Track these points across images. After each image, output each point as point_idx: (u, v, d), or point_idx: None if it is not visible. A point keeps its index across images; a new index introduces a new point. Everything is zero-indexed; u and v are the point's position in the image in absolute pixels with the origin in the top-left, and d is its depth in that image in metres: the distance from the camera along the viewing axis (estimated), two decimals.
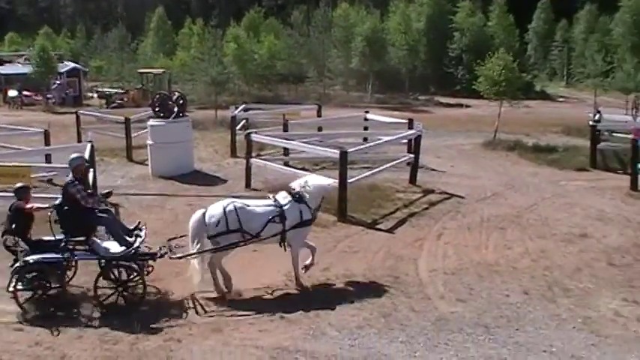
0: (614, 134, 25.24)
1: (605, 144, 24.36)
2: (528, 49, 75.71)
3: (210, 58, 44.52)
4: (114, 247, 11.51)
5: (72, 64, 58.93)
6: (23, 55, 62.04)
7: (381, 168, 19.68)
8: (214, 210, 11.93)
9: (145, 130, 23.47)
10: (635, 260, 13.61)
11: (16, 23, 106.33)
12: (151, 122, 22.30)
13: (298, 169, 20.36)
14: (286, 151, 22.89)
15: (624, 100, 39.83)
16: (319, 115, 29.11)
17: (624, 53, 58.12)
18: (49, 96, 51.47)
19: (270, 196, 12.65)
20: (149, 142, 22.17)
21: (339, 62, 60.82)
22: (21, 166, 16.52)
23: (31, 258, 10.89)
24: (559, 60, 76.50)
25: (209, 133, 31.63)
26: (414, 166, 20.58)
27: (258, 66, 56.79)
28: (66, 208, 11.43)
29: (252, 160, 20.18)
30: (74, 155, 12.04)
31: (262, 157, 21.73)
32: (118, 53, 67.66)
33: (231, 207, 11.86)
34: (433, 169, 22.66)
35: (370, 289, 11.93)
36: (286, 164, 21.18)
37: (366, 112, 26.96)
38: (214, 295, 11.66)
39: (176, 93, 24.14)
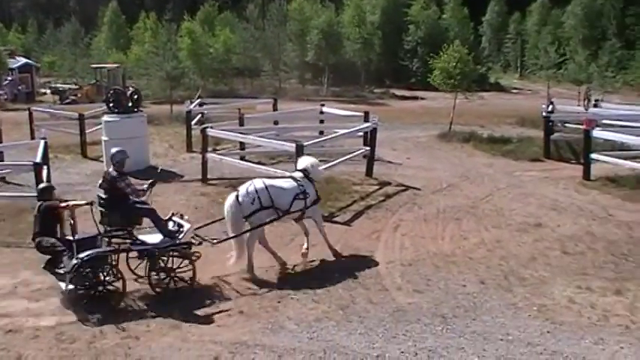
0: (567, 125, 25.59)
1: (559, 135, 24.71)
2: (482, 42, 76.37)
3: (165, 53, 44.14)
4: (156, 237, 11.83)
5: (24, 60, 58.05)
6: None
7: (337, 161, 19.73)
8: (246, 189, 12.64)
9: (100, 126, 23.23)
10: (588, 248, 13.83)
11: None
12: (106, 118, 22.06)
13: (254, 163, 20.34)
14: (242, 146, 22.80)
15: (576, 91, 40.34)
16: (275, 109, 29.10)
17: (576, 45, 58.88)
18: (0, 92, 50.70)
19: (287, 174, 13.77)
20: (104, 138, 21.93)
21: (294, 56, 60.80)
22: None
23: (84, 255, 10.86)
24: (513, 52, 77.38)
25: (164, 128, 31.43)
26: (370, 159, 20.67)
27: (214, 60, 56.49)
28: (112, 201, 11.72)
29: (209, 154, 20.11)
30: (116, 149, 12.48)
31: (218, 152, 21.67)
32: (71, 48, 66.85)
33: (262, 185, 12.67)
34: (389, 162, 22.76)
35: (328, 282, 11.95)
36: (242, 158, 21.14)
37: (322, 105, 27.00)
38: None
39: (130, 88, 23.90)
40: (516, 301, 11.09)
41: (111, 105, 22.08)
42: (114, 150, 12.48)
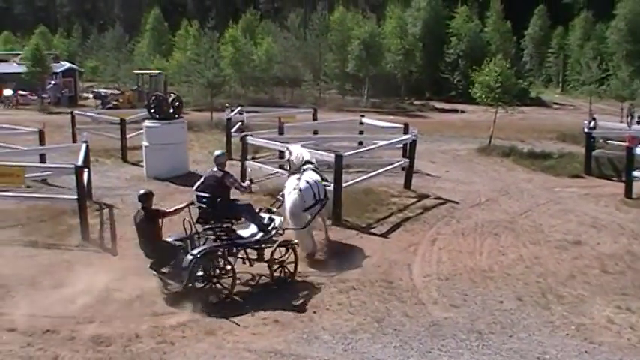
0: (609, 142, 25.30)
1: (600, 151, 24.42)
2: (524, 56, 75.71)
3: (207, 60, 44.38)
4: (250, 230, 12.71)
5: (67, 64, 58.73)
6: (19, 54, 61.84)
7: (376, 172, 19.70)
8: (305, 186, 13.83)
9: (140, 132, 23.44)
10: (628, 267, 13.64)
11: (12, 22, 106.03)
12: (147, 123, 22.26)
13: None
14: (281, 155, 22.85)
15: (619, 107, 39.85)
16: (315, 119, 29.15)
17: (619, 61, 58.18)
18: (44, 95, 51.40)
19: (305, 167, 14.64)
20: (144, 143, 22.13)
21: (335, 66, 60.75)
22: (15, 166, 16.45)
23: (198, 251, 11.46)
24: (554, 67, 76.50)
25: (204, 135, 31.62)
26: (409, 171, 20.56)
27: (255, 68, 56.72)
28: (219, 199, 12.30)
29: (247, 162, 20.18)
30: (218, 152, 13.33)
31: (257, 160, 21.74)
32: (113, 54, 67.44)
33: (312, 181, 14.00)
34: (428, 174, 22.65)
35: (364, 294, 11.94)
36: (281, 167, 21.16)
37: (362, 116, 27.00)
38: None
39: (172, 94, 24.09)
40: (554, 319, 10.97)
41: (152, 111, 22.26)
42: (217, 152, 13.32)
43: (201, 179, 13.07)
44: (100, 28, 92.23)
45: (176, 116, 22.39)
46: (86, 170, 16.97)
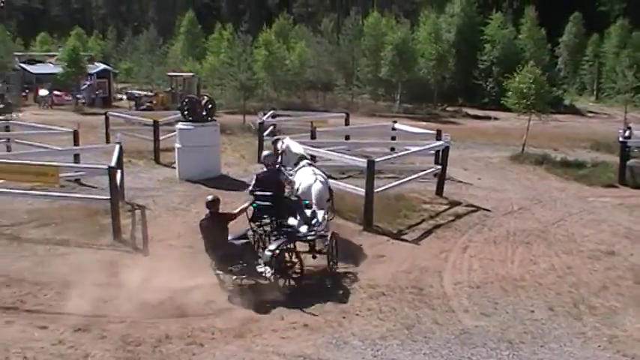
0: None
1: (635, 161, 24.08)
2: (558, 63, 75.11)
3: (240, 64, 44.58)
4: (300, 225, 13.28)
5: (102, 66, 59.36)
6: (55, 55, 62.56)
7: (408, 178, 19.63)
8: (324, 178, 14.38)
9: (173, 134, 23.58)
10: None
11: (48, 23, 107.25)
12: (180, 126, 22.38)
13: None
14: (313, 159, 22.87)
15: None
16: (347, 124, 29.11)
17: None
18: (78, 96, 51.95)
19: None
20: (177, 145, 22.26)
21: (367, 71, 60.66)
22: (49, 165, 16.62)
23: (275, 247, 12.18)
24: (589, 75, 75.80)
25: (236, 138, 31.75)
26: (441, 178, 20.46)
27: (288, 72, 56.82)
28: (278, 197, 13.15)
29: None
30: (266, 152, 14.53)
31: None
32: (147, 56, 67.86)
33: (324, 176, 14.53)
34: (460, 181, 22.52)
35: (394, 300, 11.90)
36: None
37: (394, 121, 26.89)
38: None
39: (205, 97, 24.19)
40: (586, 331, 10.84)
41: (185, 113, 22.38)
42: (265, 153, 14.57)
43: (255, 179, 13.71)
44: (135, 31, 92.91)
45: (209, 119, 22.47)
46: (119, 171, 17.08)
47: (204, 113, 22.34)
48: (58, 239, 15.09)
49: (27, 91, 54.81)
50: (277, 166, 14.28)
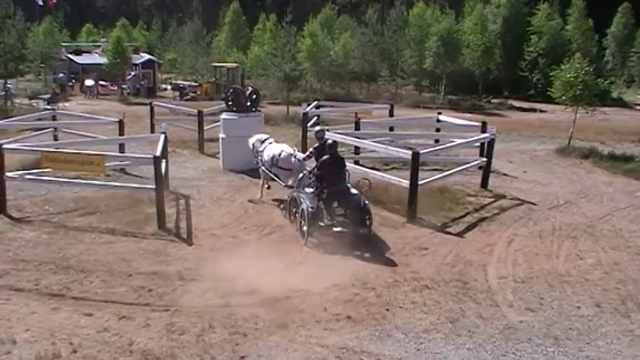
0: None
1: None
2: (606, 55, 73.98)
3: (284, 54, 44.63)
4: None
5: (147, 56, 59.89)
6: (100, 45, 63.30)
7: (452, 171, 19.50)
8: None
9: (218, 124, 23.67)
10: None
11: (94, 14, 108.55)
12: (224, 116, 22.47)
13: (368, 168, 20.26)
14: (357, 150, 22.84)
15: None
16: (391, 115, 28.96)
17: None
18: (123, 86, 52.48)
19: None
20: (221, 135, 22.35)
21: (412, 62, 60.28)
22: (96, 155, 16.79)
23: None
24: (637, 67, 74.58)
25: (280, 128, 31.77)
26: (486, 171, 20.28)
27: (332, 63, 56.70)
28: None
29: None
30: (319, 127, 18.46)
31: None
32: (192, 46, 68.27)
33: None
34: (505, 174, 22.32)
35: (438, 293, 11.82)
36: (356, 163, 21.09)
37: (439, 113, 26.70)
38: None
39: (249, 87, 24.24)
40: (634, 328, 10.63)
41: (229, 103, 22.45)
42: (317, 128, 17.99)
43: (315, 150, 15.97)
44: (179, 21, 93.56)
45: (253, 109, 22.52)
46: (164, 160, 17.20)
47: (248, 104, 22.39)
48: (103, 227, 15.26)
49: (73, 81, 55.46)
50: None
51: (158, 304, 11.09)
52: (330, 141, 15.64)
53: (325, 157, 14.83)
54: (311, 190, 14.88)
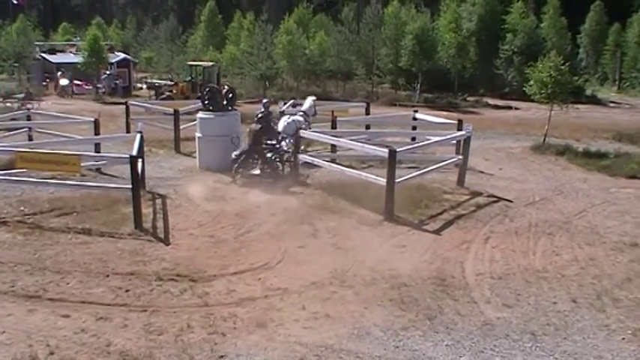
0: None
1: None
2: (580, 53, 74.55)
3: (260, 53, 44.60)
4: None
5: (122, 55, 59.58)
6: (75, 44, 62.92)
7: (429, 168, 19.55)
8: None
9: (194, 123, 23.60)
10: None
11: (68, 13, 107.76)
12: (200, 115, 22.40)
13: (345, 166, 20.29)
14: (334, 148, 22.86)
15: None
16: (367, 113, 29.03)
17: None
18: (99, 86, 52.16)
19: None
20: (197, 134, 22.28)
21: (388, 60, 60.41)
22: (72, 155, 16.68)
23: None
24: (611, 64, 75.18)
25: None
26: (462, 168, 20.38)
27: (308, 61, 56.67)
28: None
29: (300, 155, 20.19)
30: (266, 100, 23.82)
31: (309, 153, 21.75)
32: (167, 45, 68.03)
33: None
34: (481, 172, 22.41)
35: (416, 291, 11.85)
36: (333, 161, 21.12)
37: (415, 111, 26.79)
38: None
39: (225, 86, 24.17)
40: (609, 323, 10.73)
41: (206, 102, 22.38)
42: (265, 100, 23.60)
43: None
44: (155, 20, 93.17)
45: (229, 108, 22.48)
46: (140, 160, 17.12)
47: (224, 102, 22.34)
48: (79, 228, 15.13)
49: (47, 80, 55.07)
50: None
51: (136, 304, 11.03)
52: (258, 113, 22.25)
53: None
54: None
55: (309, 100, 25.81)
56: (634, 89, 59.38)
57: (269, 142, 20.43)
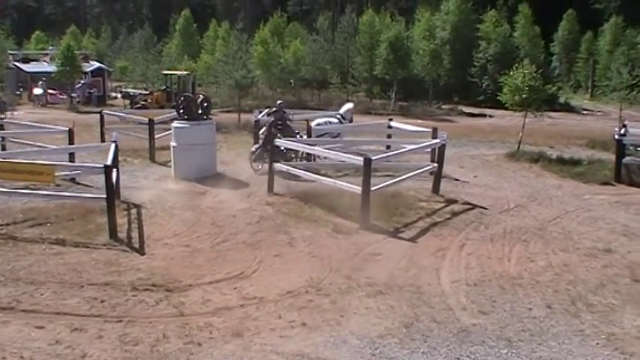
0: None
1: (631, 158, 24.07)
2: (553, 61, 75.16)
3: (235, 62, 44.52)
4: None
5: (97, 64, 59.33)
6: (49, 53, 62.57)
7: (404, 176, 19.59)
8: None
9: (169, 132, 23.52)
10: None
11: (43, 22, 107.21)
12: (175, 124, 22.33)
13: (321, 175, 20.30)
14: (309, 157, 22.87)
15: None
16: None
17: None
18: (73, 95, 51.89)
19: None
20: (172, 143, 22.20)
21: (363, 69, 60.66)
22: (46, 164, 16.55)
23: None
24: (584, 72, 75.88)
25: (232, 136, 31.74)
26: (437, 176, 20.44)
27: (283, 70, 56.71)
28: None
29: (275, 164, 20.18)
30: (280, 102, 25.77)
31: (285, 162, 21.75)
32: (143, 54, 67.83)
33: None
34: (456, 179, 22.49)
35: (392, 298, 11.86)
36: (309, 170, 21.11)
37: (390, 119, 26.87)
38: None
39: (201, 95, 24.14)
40: (584, 328, 10.80)
41: (181, 111, 22.33)
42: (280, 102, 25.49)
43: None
44: (130, 29, 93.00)
45: (205, 117, 22.43)
46: (115, 170, 17.04)
47: (199, 111, 22.30)
48: (53, 238, 15.00)
49: (21, 89, 54.69)
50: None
51: (111, 315, 10.95)
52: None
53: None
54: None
55: (347, 106, 28.48)
56: (606, 97, 59.76)
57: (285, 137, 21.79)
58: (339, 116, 26.74)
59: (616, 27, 71.52)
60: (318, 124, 25.19)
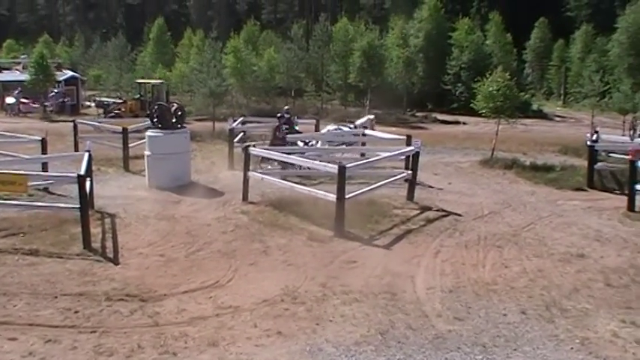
0: (612, 155, 25.22)
1: (603, 164, 24.32)
2: (526, 68, 75.77)
3: (209, 70, 44.40)
4: None
5: (70, 73, 58.94)
6: (20, 62, 62.09)
7: (378, 184, 19.62)
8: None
9: (143, 141, 23.41)
10: (633, 281, 13.52)
11: (15, 30, 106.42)
12: (149, 133, 22.23)
13: (295, 183, 20.28)
14: (284, 165, 22.85)
15: (621, 120, 39.83)
16: (317, 130, 29.10)
17: (621, 74, 58.18)
18: (46, 104, 51.52)
19: None
20: (146, 152, 22.10)
21: (337, 77, 60.78)
22: (18, 174, 16.39)
23: None
24: (556, 79, 76.53)
25: (207, 144, 31.67)
26: (412, 183, 20.51)
27: (257, 79, 56.68)
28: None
29: (250, 173, 20.14)
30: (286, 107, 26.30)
31: (260, 171, 21.71)
32: (116, 63, 67.47)
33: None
34: (430, 186, 22.57)
35: (367, 306, 11.88)
36: (284, 178, 21.10)
37: (365, 127, 26.95)
38: None
39: (175, 104, 24.06)
40: (558, 333, 10.89)
41: (155, 120, 22.24)
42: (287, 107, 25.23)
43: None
44: (103, 37, 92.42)
45: (179, 126, 22.35)
46: (88, 179, 16.93)
47: (173, 120, 22.22)
48: (26, 249, 14.86)
49: None
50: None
51: (85, 325, 10.87)
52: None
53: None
54: None
55: (366, 117, 30.96)
56: (578, 103, 60.26)
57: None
58: (351, 126, 28.73)
59: (587, 35, 72.27)
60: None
